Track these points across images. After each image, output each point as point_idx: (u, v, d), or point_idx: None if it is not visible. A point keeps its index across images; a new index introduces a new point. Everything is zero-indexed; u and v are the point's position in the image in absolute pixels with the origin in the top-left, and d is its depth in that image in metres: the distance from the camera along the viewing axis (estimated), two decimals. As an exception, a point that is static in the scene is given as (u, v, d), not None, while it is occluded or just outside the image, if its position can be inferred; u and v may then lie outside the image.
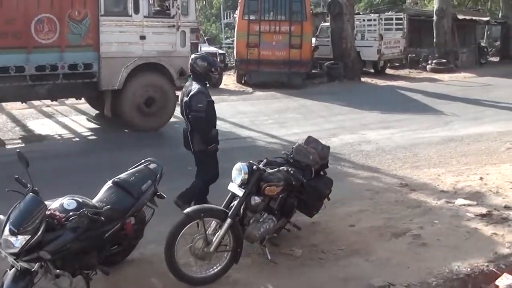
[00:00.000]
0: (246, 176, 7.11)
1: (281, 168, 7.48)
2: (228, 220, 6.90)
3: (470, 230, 8.68)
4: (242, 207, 7.15)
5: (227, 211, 7.04)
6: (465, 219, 9.12)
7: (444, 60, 32.84)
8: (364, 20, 33.00)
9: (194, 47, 16.63)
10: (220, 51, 26.59)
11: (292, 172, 7.53)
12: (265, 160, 7.63)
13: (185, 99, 8.70)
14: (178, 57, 15.60)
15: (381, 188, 10.84)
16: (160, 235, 7.24)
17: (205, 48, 25.28)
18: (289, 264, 7.52)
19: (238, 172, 7.18)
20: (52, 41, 13.95)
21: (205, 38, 28.02)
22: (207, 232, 6.90)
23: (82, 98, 16.98)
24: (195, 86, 8.63)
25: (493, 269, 7.56)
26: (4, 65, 13.44)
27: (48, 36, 13.87)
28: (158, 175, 7.30)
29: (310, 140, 8.57)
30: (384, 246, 8.12)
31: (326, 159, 8.53)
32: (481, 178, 11.46)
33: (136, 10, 15.03)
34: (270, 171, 7.31)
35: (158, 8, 16.75)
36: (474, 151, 14.08)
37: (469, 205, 9.79)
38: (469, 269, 7.49)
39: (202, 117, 8.53)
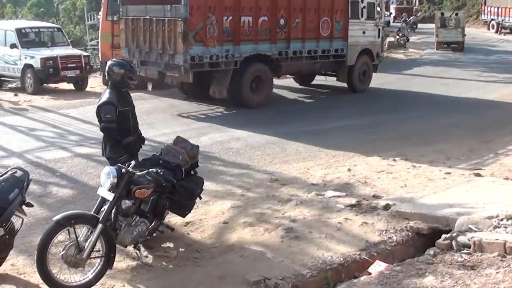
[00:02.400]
0: (115, 180, 7.00)
1: (150, 170, 7.37)
2: (99, 225, 6.76)
3: (341, 220, 8.91)
4: (113, 211, 7.04)
5: (98, 216, 6.90)
6: (335, 210, 9.36)
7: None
8: None
9: (382, 40, 26.71)
10: (85, 54, 25.89)
11: (162, 173, 7.44)
12: (133, 163, 7.49)
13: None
14: (376, 45, 24.36)
15: (252, 184, 10.94)
16: (32, 245, 7.02)
17: (69, 51, 24.45)
18: (164, 266, 7.49)
19: (106, 176, 7.05)
20: (327, 34, 21.74)
21: (69, 40, 27.23)
22: (78, 238, 6.75)
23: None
24: (105, 95, 8.32)
25: (365, 257, 7.81)
26: (310, 49, 21.06)
27: (326, 31, 21.64)
28: (25, 183, 7.11)
29: (179, 140, 8.54)
30: (258, 241, 8.23)
31: (195, 158, 8.52)
32: (349, 170, 11.77)
33: (362, 15, 23.22)
34: (139, 173, 7.21)
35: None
36: (342, 143, 14.39)
37: (339, 196, 10.06)
38: (342, 259, 7.70)
39: (110, 128, 8.23)
